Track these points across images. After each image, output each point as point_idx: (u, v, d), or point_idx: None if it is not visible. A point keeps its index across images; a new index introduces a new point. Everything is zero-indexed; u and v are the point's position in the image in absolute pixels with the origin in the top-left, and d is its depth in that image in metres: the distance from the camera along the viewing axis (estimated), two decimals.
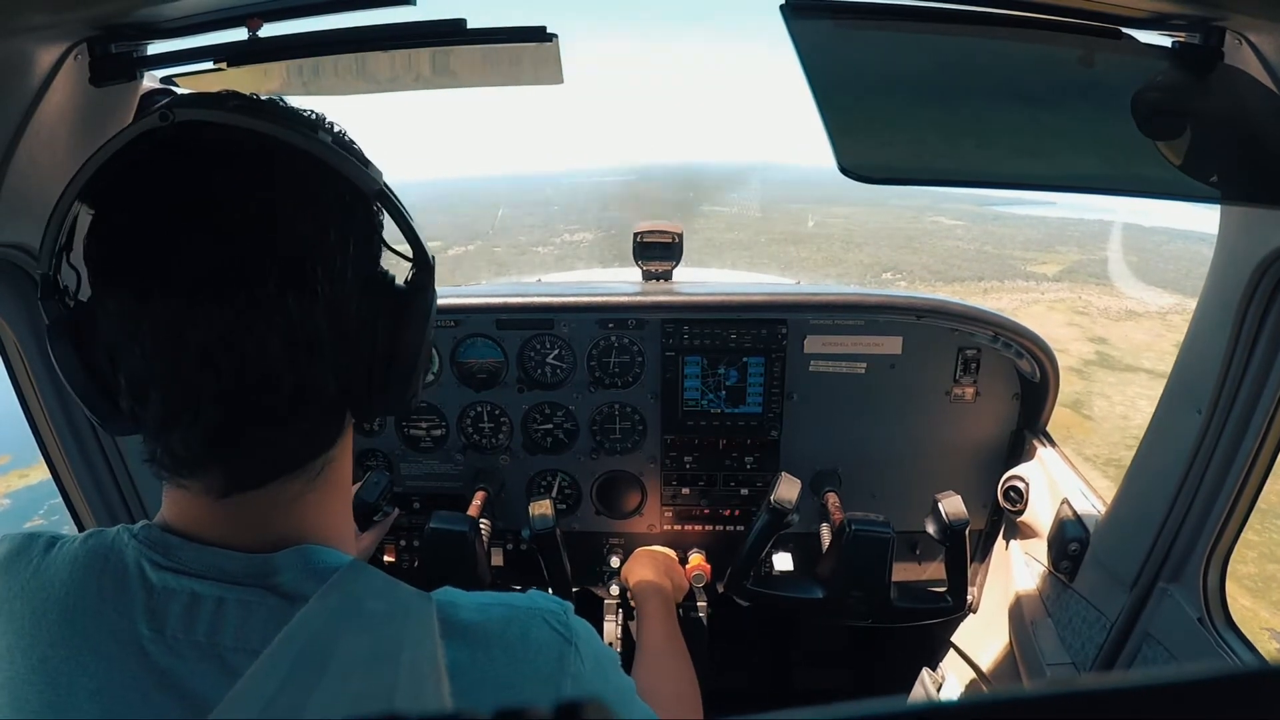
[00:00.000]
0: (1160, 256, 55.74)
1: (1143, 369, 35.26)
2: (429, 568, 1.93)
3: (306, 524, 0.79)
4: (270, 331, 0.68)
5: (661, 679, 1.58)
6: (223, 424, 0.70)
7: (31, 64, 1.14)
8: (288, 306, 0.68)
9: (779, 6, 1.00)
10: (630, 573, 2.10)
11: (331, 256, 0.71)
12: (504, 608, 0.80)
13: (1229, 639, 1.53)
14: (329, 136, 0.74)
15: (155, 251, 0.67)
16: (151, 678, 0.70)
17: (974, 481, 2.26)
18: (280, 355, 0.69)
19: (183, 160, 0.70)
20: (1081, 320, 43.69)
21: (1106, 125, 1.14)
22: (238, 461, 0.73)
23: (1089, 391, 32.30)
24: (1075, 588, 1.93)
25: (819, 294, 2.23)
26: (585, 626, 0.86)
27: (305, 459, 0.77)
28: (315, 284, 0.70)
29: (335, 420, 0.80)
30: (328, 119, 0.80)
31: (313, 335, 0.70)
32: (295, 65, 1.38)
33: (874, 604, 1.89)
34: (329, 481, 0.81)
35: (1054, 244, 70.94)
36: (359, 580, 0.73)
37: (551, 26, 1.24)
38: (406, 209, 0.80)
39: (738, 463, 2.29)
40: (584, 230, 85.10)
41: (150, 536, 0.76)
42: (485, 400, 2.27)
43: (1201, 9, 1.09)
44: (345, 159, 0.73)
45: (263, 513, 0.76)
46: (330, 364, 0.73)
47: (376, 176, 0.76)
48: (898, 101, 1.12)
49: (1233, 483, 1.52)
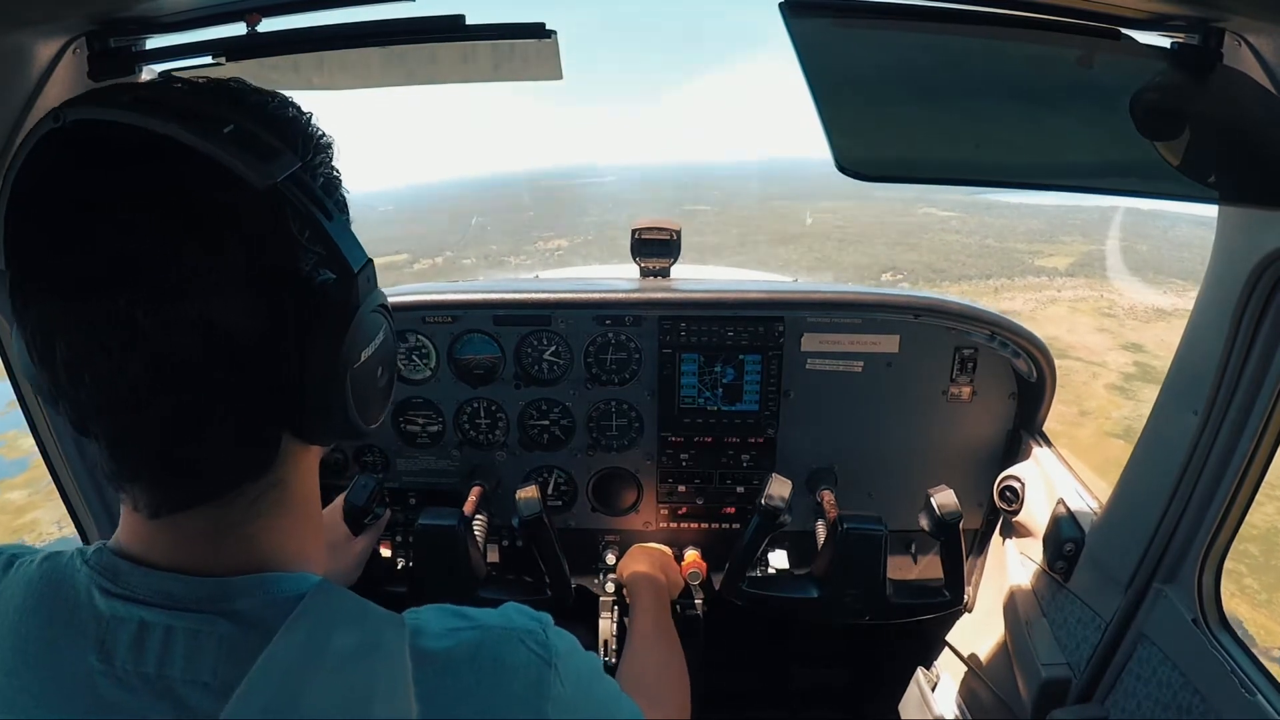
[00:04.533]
0: (1170, 243, 53.76)
1: None
2: (421, 564, 1.93)
3: (264, 549, 0.76)
4: (128, 347, 0.64)
5: (648, 667, 1.59)
6: (117, 440, 0.68)
7: (30, 58, 1.13)
8: (135, 318, 0.63)
9: (778, 6, 1.00)
10: (626, 569, 2.11)
11: (209, 264, 0.66)
12: (476, 630, 0.77)
13: (1223, 640, 1.54)
14: (230, 129, 0.67)
15: (32, 254, 0.67)
16: (102, 712, 0.68)
17: (970, 481, 2.26)
18: (142, 374, 0.65)
19: (70, 162, 0.67)
20: (1110, 324, 41.00)
21: (1105, 125, 1.14)
22: (156, 480, 0.70)
23: (1139, 415, 30.67)
24: (1070, 588, 1.94)
25: (816, 292, 2.24)
26: (565, 641, 0.83)
27: (229, 484, 0.73)
28: (181, 294, 0.65)
29: (262, 443, 0.74)
30: (273, 106, 0.76)
31: (182, 351, 0.65)
32: (294, 60, 1.38)
33: (870, 601, 1.90)
34: (281, 505, 0.78)
35: (1057, 234, 68.87)
36: (327, 608, 0.71)
37: (551, 23, 1.24)
38: (328, 208, 0.73)
39: (734, 460, 2.29)
40: (559, 237, 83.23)
41: (101, 561, 0.73)
42: (482, 396, 2.27)
43: (1201, 10, 1.09)
44: (240, 154, 0.66)
45: (205, 536, 0.73)
46: (220, 382, 0.68)
47: (274, 172, 0.67)
48: (897, 100, 1.12)
49: (1228, 484, 1.53)
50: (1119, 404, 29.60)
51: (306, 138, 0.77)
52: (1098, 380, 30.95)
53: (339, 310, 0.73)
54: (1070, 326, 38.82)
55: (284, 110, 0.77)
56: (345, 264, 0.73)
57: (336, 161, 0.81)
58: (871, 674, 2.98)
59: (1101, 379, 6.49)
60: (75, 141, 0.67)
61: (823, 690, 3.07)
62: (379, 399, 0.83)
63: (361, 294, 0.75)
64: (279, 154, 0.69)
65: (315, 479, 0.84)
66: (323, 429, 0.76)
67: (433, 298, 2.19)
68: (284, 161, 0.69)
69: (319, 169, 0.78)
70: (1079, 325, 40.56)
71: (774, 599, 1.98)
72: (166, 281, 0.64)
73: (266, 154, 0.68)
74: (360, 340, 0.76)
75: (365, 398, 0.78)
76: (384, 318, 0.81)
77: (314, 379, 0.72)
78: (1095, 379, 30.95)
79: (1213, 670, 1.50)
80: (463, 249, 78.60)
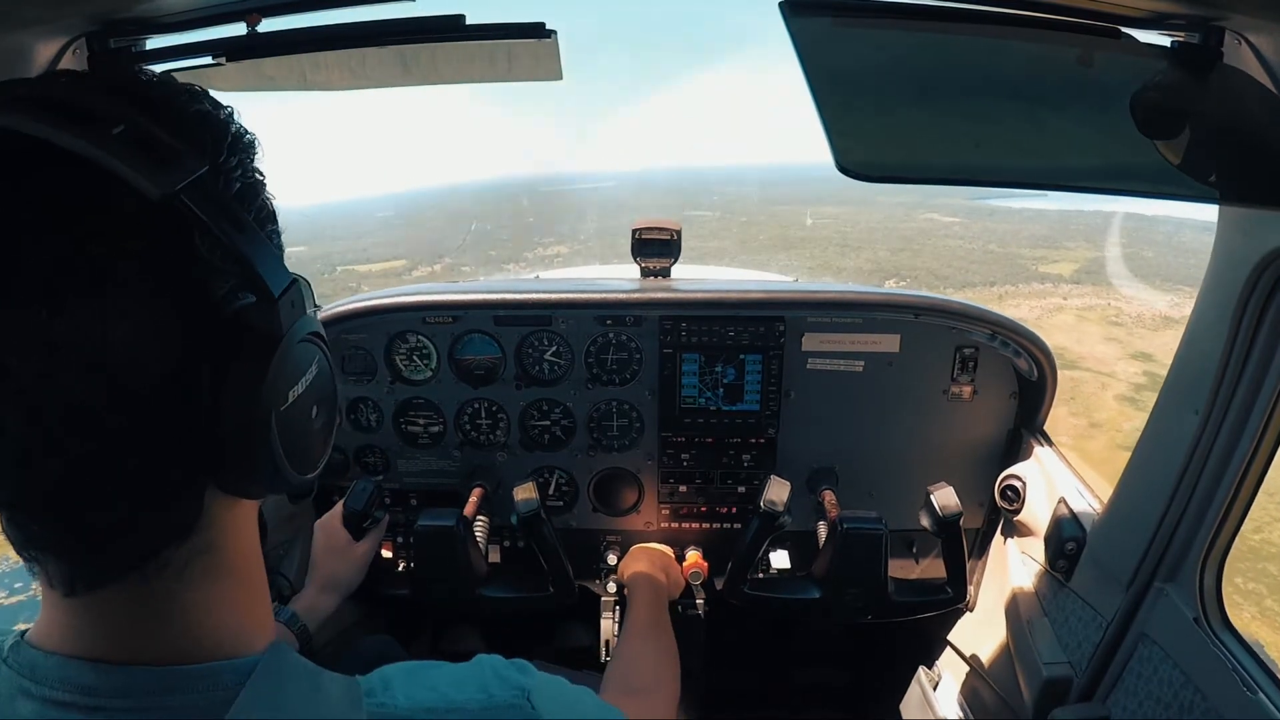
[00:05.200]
0: (1174, 250, 52.95)
1: None
2: (421, 565, 1.93)
3: (199, 627, 0.66)
4: (2, 398, 0.55)
5: (641, 658, 1.59)
6: (11, 505, 0.60)
7: (29, 59, 1.13)
8: (7, 363, 0.55)
9: (778, 5, 1.00)
10: (626, 569, 2.11)
11: (97, 292, 0.56)
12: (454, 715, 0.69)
13: (1225, 639, 1.53)
14: (120, 129, 0.57)
15: None
16: None
17: (971, 480, 2.26)
18: (25, 428, 0.56)
19: None
20: (1118, 333, 40.33)
21: (1105, 124, 1.14)
22: (63, 551, 0.61)
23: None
24: (1072, 587, 1.94)
25: (817, 291, 2.24)
26: (552, 701, 0.76)
27: (148, 553, 0.62)
28: (63, 330, 0.55)
29: (180, 501, 0.64)
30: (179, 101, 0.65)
31: (70, 398, 0.56)
32: (294, 60, 1.38)
33: (871, 600, 1.90)
34: (213, 572, 0.67)
35: (1060, 240, 68.23)
36: (268, 701, 0.63)
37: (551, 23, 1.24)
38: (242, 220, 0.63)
39: (735, 460, 2.29)
40: (559, 243, 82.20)
41: (19, 658, 0.64)
42: (483, 397, 2.27)
43: (1201, 9, 1.09)
44: (131, 159, 0.56)
45: (128, 616, 0.63)
46: (121, 432, 0.58)
47: (174, 180, 0.57)
48: (897, 100, 1.12)
49: (1229, 483, 1.53)
50: (1130, 415, 28.80)
51: (218, 137, 0.66)
52: (1107, 391, 30.61)
53: (259, 342, 0.63)
54: (1079, 336, 38.10)
55: (190, 104, 0.66)
56: (264, 286, 0.63)
57: (259, 162, 0.70)
58: (873, 673, 2.98)
59: (1111, 389, 6.36)
60: None
61: (824, 690, 3.07)
62: (316, 443, 0.72)
63: (285, 321, 0.64)
64: (179, 157, 0.59)
65: (253, 535, 0.73)
66: (250, 481, 0.66)
67: (433, 298, 2.19)
68: (186, 166, 0.59)
69: (234, 173, 0.67)
70: (1087, 334, 39.72)
71: (776, 600, 1.99)
72: (43, 316, 0.54)
73: (165, 158, 0.58)
74: (287, 376, 0.65)
75: (298, 444, 0.67)
76: (317, 347, 0.71)
77: (233, 425, 0.62)
78: (1105, 390, 30.56)
79: (1214, 669, 1.50)
80: (461, 254, 77.84)
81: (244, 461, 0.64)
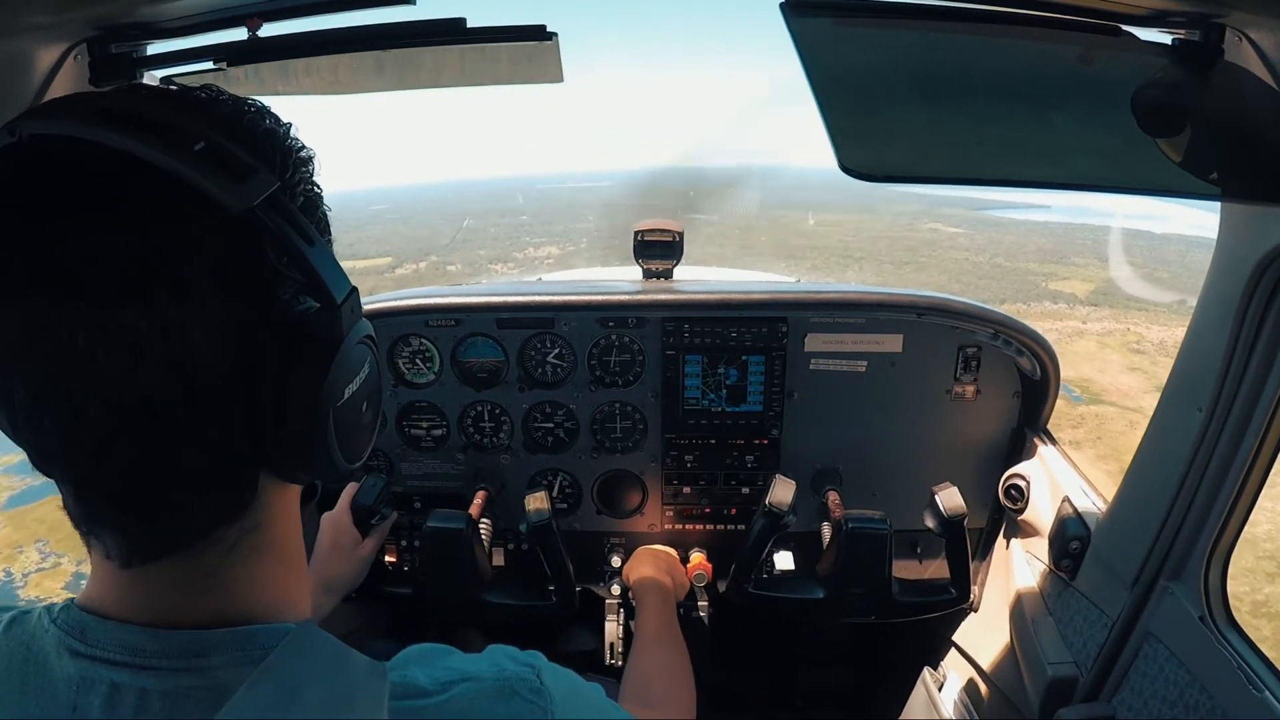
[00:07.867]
0: (1189, 270, 51.93)
1: None
2: (428, 566, 1.93)
3: (242, 598, 0.70)
4: (87, 388, 0.59)
5: (654, 670, 1.59)
6: (81, 485, 0.64)
7: (31, 64, 1.13)
8: (95, 356, 0.58)
9: (779, 5, 1.00)
10: (631, 572, 2.11)
11: (176, 296, 0.60)
12: (468, 684, 0.73)
13: (1230, 637, 1.53)
14: (201, 145, 0.61)
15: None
16: None
17: (975, 480, 2.25)
18: (104, 417, 0.60)
19: (26, 182, 0.61)
20: (1141, 362, 38.17)
21: (1106, 122, 1.14)
22: (125, 528, 0.65)
23: None
24: (1076, 586, 1.93)
25: (819, 292, 2.24)
26: (561, 682, 0.80)
27: (203, 530, 0.68)
28: (146, 329, 0.59)
29: (238, 485, 0.69)
30: (249, 118, 0.69)
31: (147, 392, 0.60)
32: (295, 65, 1.38)
33: (875, 600, 1.89)
34: (260, 549, 0.72)
35: (1067, 254, 66.71)
36: (298, 661, 0.66)
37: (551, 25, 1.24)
38: (308, 231, 0.67)
39: (738, 461, 2.29)
40: (549, 243, 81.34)
41: (69, 619, 0.68)
42: (486, 399, 2.27)
43: (1201, 6, 1.09)
44: (212, 174, 0.60)
45: (179, 586, 0.68)
46: (190, 423, 0.62)
47: (251, 194, 0.61)
48: (898, 100, 1.12)
49: (1233, 481, 1.52)
50: None
51: (285, 152, 0.70)
52: (1136, 430, 30.41)
53: (321, 344, 0.67)
54: (1101, 366, 36.91)
55: (260, 122, 0.70)
56: (328, 293, 0.67)
57: (318, 177, 0.75)
58: (877, 674, 2.97)
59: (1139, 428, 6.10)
60: (33, 158, 0.61)
61: (829, 690, 3.06)
62: (363, 437, 0.77)
63: (346, 326, 0.69)
64: (255, 173, 0.62)
65: (296, 518, 0.78)
66: (304, 469, 0.71)
67: (436, 301, 2.19)
68: (261, 181, 0.63)
69: (298, 187, 0.71)
70: (1110, 364, 38.17)
71: (780, 599, 1.98)
72: (128, 315, 0.58)
73: (242, 173, 0.62)
74: (344, 376, 0.70)
75: (349, 436, 0.72)
76: (369, 350, 0.75)
77: (295, 419, 0.67)
78: (1133, 428, 29.82)
79: (1220, 668, 1.49)
80: (449, 253, 76.89)
81: (302, 452, 0.69)
